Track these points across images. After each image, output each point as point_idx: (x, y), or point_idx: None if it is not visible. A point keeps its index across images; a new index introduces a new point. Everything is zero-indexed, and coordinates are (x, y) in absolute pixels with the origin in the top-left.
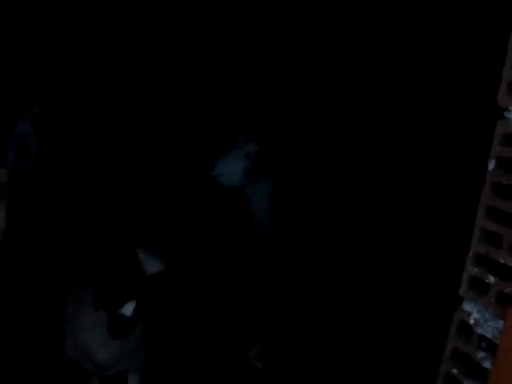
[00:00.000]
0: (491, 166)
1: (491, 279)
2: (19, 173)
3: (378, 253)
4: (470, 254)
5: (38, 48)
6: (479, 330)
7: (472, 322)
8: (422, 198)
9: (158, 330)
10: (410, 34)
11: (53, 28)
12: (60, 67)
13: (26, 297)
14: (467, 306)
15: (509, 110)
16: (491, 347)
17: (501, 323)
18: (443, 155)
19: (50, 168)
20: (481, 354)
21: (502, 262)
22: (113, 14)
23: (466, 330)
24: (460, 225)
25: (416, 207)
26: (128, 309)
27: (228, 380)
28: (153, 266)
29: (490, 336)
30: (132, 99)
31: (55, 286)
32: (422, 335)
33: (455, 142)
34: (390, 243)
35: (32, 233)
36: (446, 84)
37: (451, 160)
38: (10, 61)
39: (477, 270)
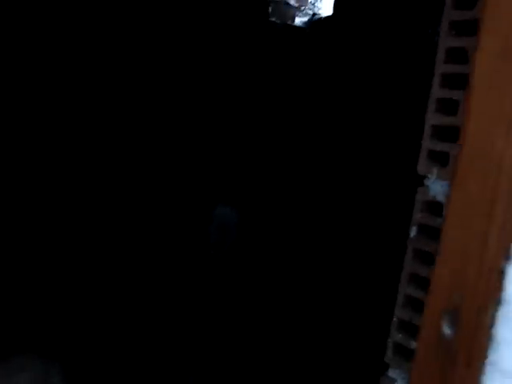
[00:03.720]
0: (413, 232)
1: (414, 345)
2: None
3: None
4: (394, 320)
5: None
6: None
7: None
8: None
9: None
10: None
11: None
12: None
13: None
14: (393, 373)
15: (428, 178)
16: None
17: None
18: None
19: None
20: None
21: None
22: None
23: None
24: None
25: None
26: None
27: None
28: None
29: None
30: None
31: None
32: None
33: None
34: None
35: None
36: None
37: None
38: None
39: (400, 335)
